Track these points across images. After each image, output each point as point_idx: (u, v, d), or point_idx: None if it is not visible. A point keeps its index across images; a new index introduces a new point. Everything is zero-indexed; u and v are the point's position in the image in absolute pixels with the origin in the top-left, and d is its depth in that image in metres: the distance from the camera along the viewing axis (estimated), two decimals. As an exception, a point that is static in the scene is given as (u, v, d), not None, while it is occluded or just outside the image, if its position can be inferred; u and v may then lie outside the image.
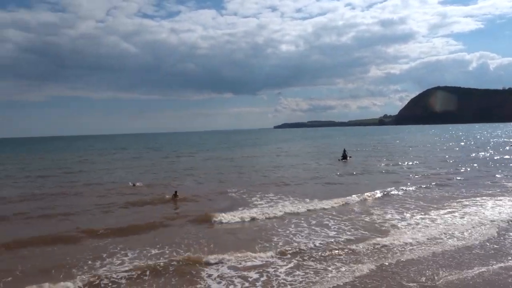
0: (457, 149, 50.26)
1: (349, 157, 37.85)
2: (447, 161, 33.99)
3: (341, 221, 13.93)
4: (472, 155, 39.86)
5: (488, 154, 40.46)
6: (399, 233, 12.24)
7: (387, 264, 9.65)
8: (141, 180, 25.81)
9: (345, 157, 37.61)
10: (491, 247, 10.81)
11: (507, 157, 36.04)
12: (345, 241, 11.53)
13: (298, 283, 8.68)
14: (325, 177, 25.53)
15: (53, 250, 11.17)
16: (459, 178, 23.62)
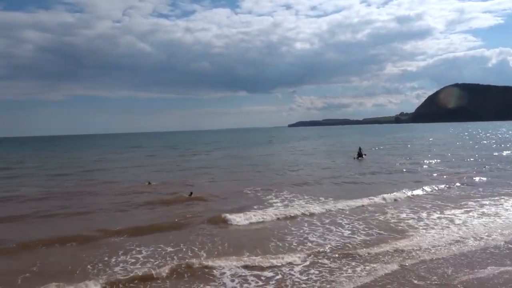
0: (476, 147, 49.06)
1: (364, 155, 37.48)
2: (468, 160, 33.11)
3: (355, 220, 13.73)
4: (494, 153, 38.82)
5: (510, 152, 39.39)
6: (416, 234, 12.00)
7: (406, 265, 9.47)
8: (157, 178, 26.05)
9: (360, 155, 37.32)
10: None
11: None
12: (361, 242, 11.37)
13: (312, 282, 8.62)
14: (341, 176, 25.25)
15: (70, 249, 11.29)
16: (483, 178, 22.72)
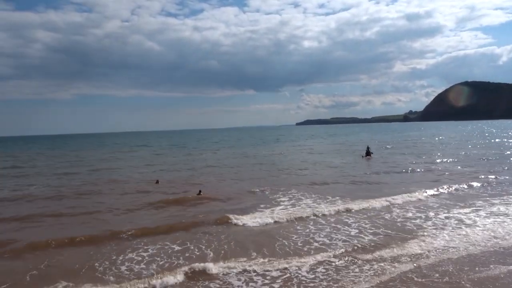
0: (488, 145, 48.32)
1: (371, 153, 37.29)
2: (482, 159, 32.44)
3: (361, 219, 13.62)
4: (507, 152, 38.16)
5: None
6: (427, 235, 11.85)
7: (417, 266, 9.36)
8: (165, 177, 26.13)
9: (368, 154, 37.17)
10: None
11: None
12: (370, 242, 11.27)
13: (319, 281, 8.56)
14: (349, 175, 25.02)
15: (78, 248, 11.32)
16: (499, 177, 22.25)
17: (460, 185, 19.75)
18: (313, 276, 8.89)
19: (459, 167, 27.32)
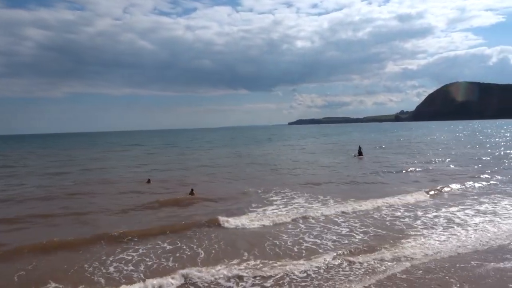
0: (479, 145, 48.81)
1: (363, 153, 37.52)
2: (473, 159, 32.74)
3: (352, 219, 13.69)
4: (497, 152, 38.64)
5: None
6: (417, 235, 11.95)
7: (408, 265, 9.43)
8: (157, 176, 25.99)
9: (360, 153, 37.39)
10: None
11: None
12: (361, 241, 11.33)
13: (311, 281, 8.60)
14: (341, 175, 25.11)
15: (67, 250, 11.10)
16: (489, 177, 22.57)
17: (451, 185, 19.92)
18: (304, 275, 8.91)
19: (450, 167, 27.61)
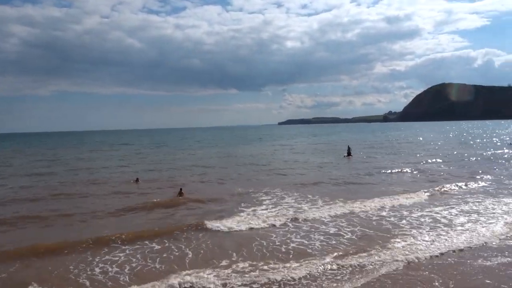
0: (468, 146, 49.23)
1: (351, 153, 37.79)
2: (463, 160, 32.89)
3: (339, 219, 13.72)
4: (487, 153, 39.20)
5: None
6: (404, 234, 12.04)
7: (397, 265, 9.49)
8: (146, 176, 25.74)
9: (349, 153, 37.65)
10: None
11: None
12: (349, 241, 11.37)
13: (298, 280, 8.60)
14: (331, 175, 25.16)
15: (51, 253, 10.84)
16: (481, 177, 22.78)
17: (438, 185, 20.14)
18: (292, 275, 8.88)
19: (439, 167, 27.89)
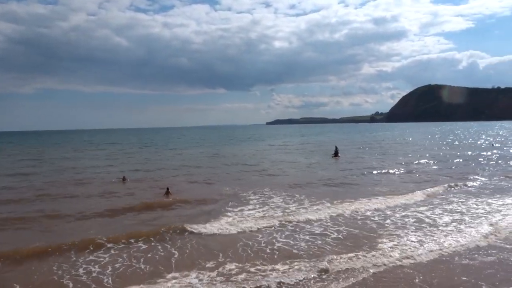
0: (460, 147, 49.66)
1: (339, 153, 38.07)
2: (450, 160, 33.28)
3: (324, 218, 13.83)
4: (469, 152, 39.89)
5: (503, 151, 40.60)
6: (389, 235, 12.19)
7: (386, 266, 9.61)
8: (133, 176, 25.47)
9: (337, 153, 37.90)
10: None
11: None
12: (335, 241, 11.48)
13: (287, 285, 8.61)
14: (318, 175, 25.27)
15: (34, 255, 10.69)
16: (466, 177, 23.14)
17: (425, 185, 20.42)
18: (277, 274, 8.92)
19: (425, 168, 28.21)
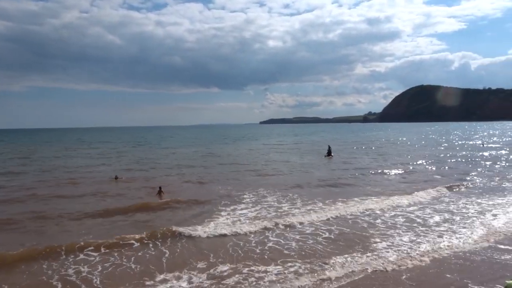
0: (452, 148, 49.82)
1: (332, 153, 38.19)
2: (442, 161, 33.57)
3: (319, 222, 13.84)
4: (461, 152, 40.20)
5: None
6: (380, 235, 12.24)
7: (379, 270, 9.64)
8: (124, 175, 25.27)
9: (330, 153, 38.02)
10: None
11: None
12: (327, 240, 11.49)
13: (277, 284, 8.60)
14: (312, 175, 25.32)
15: (22, 258, 10.41)
16: (458, 177, 23.26)
17: (417, 185, 20.56)
18: (269, 277, 8.91)
19: (417, 168, 28.40)
